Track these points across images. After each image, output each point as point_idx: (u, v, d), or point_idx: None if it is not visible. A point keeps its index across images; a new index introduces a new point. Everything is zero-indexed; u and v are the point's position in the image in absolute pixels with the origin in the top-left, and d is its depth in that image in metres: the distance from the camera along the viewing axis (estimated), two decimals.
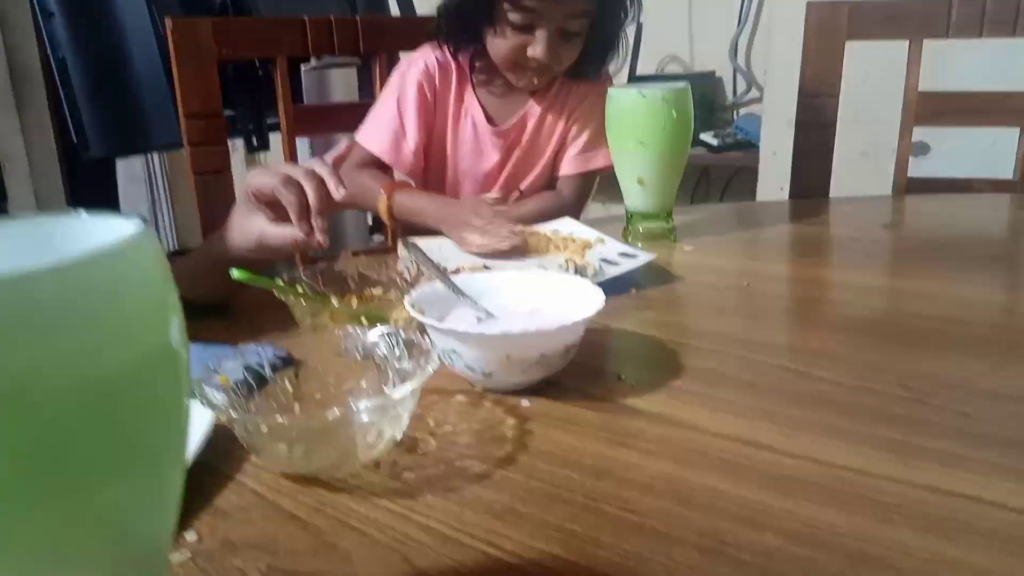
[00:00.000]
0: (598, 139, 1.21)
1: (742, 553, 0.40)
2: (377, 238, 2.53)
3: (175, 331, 0.28)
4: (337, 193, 0.71)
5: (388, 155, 1.19)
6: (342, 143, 0.73)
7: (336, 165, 0.76)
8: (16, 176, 4.54)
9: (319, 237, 0.69)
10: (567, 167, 1.23)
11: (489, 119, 1.22)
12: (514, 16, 1.08)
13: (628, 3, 1.15)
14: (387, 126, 1.20)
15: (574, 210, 1.20)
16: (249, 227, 0.73)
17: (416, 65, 1.20)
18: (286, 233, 0.71)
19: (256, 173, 0.72)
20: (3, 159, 4.59)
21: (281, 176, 0.70)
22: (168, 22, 1.12)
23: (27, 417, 0.24)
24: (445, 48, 1.20)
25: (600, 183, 1.29)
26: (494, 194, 1.03)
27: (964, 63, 1.56)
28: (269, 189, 0.70)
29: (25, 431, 0.24)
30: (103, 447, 0.26)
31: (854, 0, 1.27)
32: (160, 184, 3.05)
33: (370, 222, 2.36)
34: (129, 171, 2.97)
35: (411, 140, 1.19)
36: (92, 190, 4.25)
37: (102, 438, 0.25)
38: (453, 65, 1.21)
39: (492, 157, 1.22)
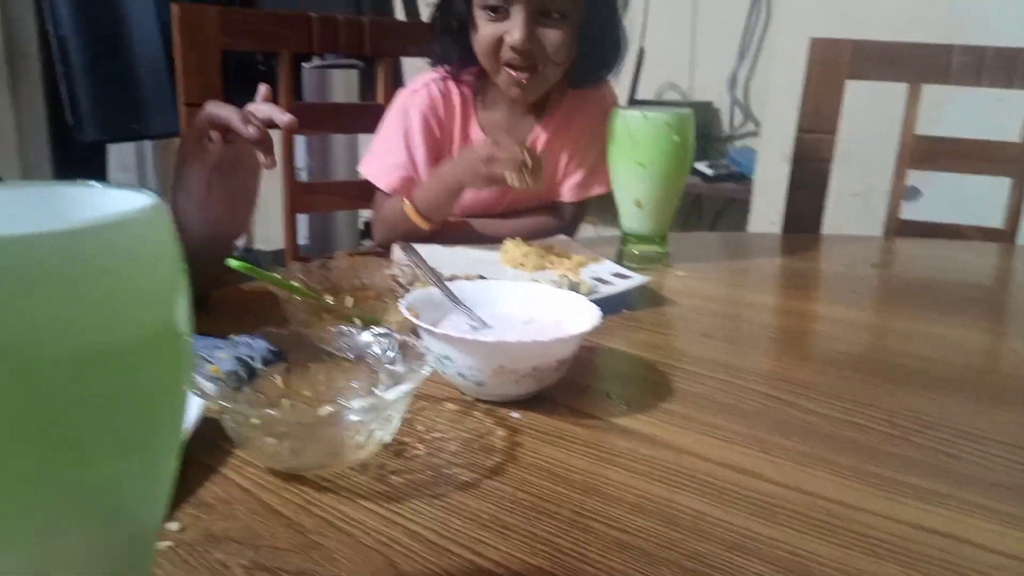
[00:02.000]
0: (599, 167, 1.19)
1: None
2: (367, 243, 2.52)
3: (182, 311, 0.28)
4: (283, 118, 0.75)
5: (399, 193, 1.14)
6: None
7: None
8: (3, 152, 4.48)
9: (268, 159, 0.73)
10: (567, 194, 1.21)
11: None
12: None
13: None
14: (395, 162, 1.15)
15: (568, 231, 1.20)
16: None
17: (419, 95, 1.16)
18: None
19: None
20: None
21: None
22: (174, 8, 1.11)
23: (23, 383, 0.23)
24: (447, 76, 1.16)
25: (594, 205, 1.29)
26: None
27: (959, 111, 1.59)
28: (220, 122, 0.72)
29: (20, 397, 0.23)
30: (99, 422, 0.25)
31: (857, 39, 1.29)
32: (150, 174, 3.02)
33: (360, 227, 2.36)
34: (120, 158, 2.94)
35: (421, 174, 1.15)
36: (82, 175, 4.21)
37: (98, 413, 0.25)
38: (456, 93, 1.17)
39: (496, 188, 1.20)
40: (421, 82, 1.18)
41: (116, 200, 0.28)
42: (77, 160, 4.19)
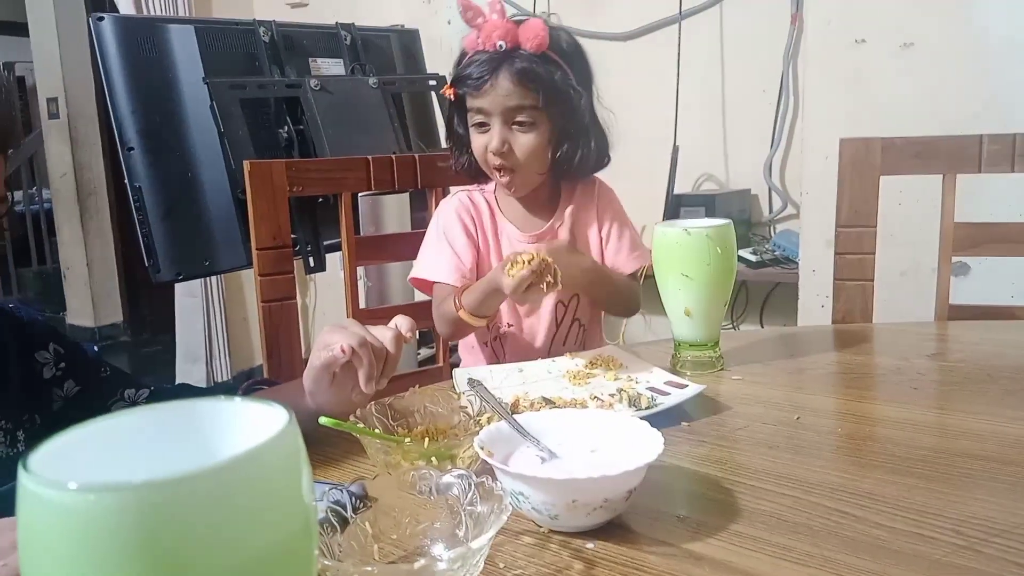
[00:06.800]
0: (635, 240, 1.35)
1: None
2: (425, 352, 2.59)
3: (311, 506, 0.32)
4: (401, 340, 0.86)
5: (451, 281, 1.27)
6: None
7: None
8: (76, 285, 4.73)
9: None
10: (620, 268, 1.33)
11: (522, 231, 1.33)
12: (474, 117, 1.22)
13: (572, 92, 1.22)
14: (442, 258, 1.29)
15: (632, 305, 1.33)
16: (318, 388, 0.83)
17: (451, 202, 1.34)
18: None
19: (331, 330, 0.82)
20: (65, 268, 4.80)
21: (358, 338, 0.80)
22: (246, 164, 1.22)
23: None
24: (473, 188, 1.34)
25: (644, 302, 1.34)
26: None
27: (997, 191, 1.61)
28: (341, 358, 0.79)
29: None
30: None
31: (886, 136, 1.33)
32: (216, 300, 3.17)
33: (417, 335, 2.44)
34: (186, 286, 3.10)
35: (466, 261, 1.28)
36: (149, 304, 4.42)
37: None
38: (483, 200, 1.33)
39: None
40: (452, 193, 1.37)
41: (250, 414, 0.33)
42: (144, 290, 4.42)
